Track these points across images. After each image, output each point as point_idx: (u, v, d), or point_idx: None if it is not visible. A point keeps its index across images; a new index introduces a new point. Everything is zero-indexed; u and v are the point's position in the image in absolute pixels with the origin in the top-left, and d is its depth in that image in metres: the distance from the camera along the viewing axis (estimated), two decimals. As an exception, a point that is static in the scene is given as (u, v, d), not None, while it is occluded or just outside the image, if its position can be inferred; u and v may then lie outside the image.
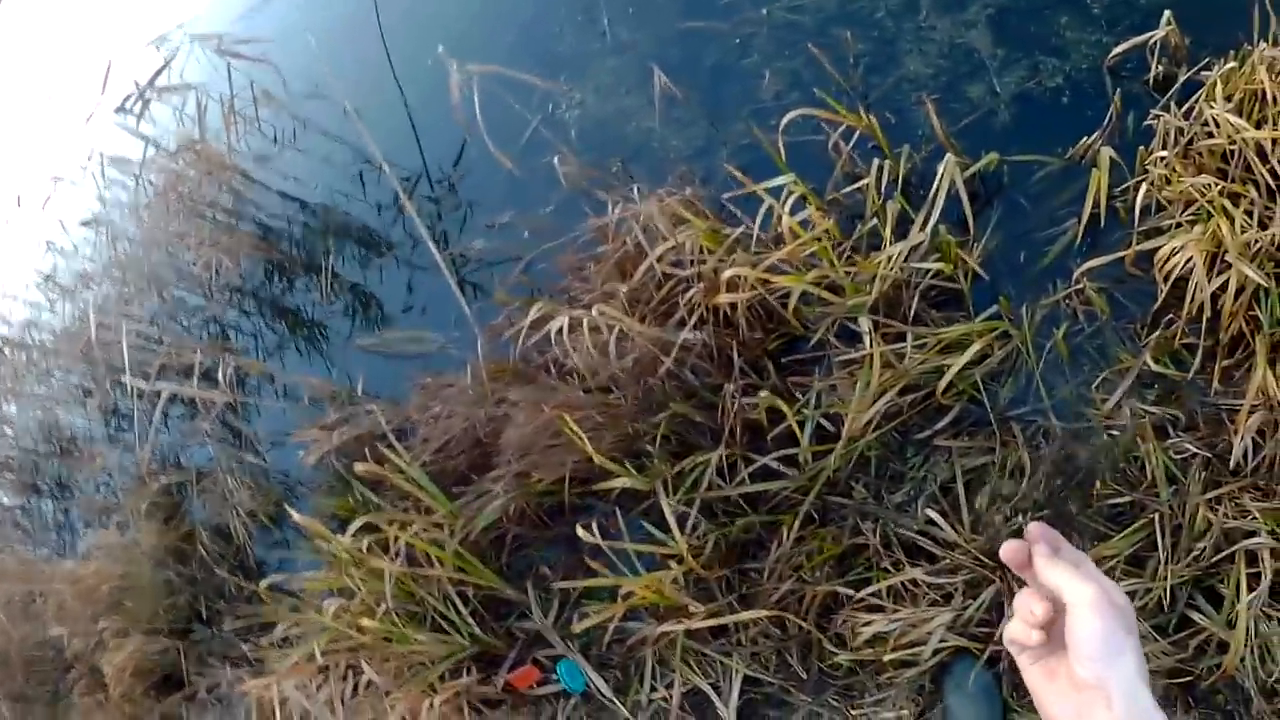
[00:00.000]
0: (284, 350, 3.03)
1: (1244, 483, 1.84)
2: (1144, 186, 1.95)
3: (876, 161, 2.12)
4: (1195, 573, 1.81)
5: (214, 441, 3.01)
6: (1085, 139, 2.10)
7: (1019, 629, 0.74)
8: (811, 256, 2.02)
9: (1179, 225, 1.94)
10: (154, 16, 3.76)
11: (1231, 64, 1.94)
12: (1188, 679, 1.76)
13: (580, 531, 1.88)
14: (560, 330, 2.01)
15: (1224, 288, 1.80)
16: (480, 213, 2.72)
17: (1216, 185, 1.85)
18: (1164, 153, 1.97)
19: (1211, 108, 1.90)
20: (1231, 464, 1.85)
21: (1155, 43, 2.06)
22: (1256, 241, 1.80)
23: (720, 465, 1.96)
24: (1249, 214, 1.83)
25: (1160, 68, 2.09)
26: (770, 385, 1.99)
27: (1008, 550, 0.77)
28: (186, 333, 3.26)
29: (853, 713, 1.86)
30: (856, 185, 2.17)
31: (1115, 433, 1.93)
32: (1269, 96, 1.83)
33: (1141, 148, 2.01)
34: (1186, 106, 1.99)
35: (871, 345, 1.90)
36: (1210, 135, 1.91)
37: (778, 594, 1.87)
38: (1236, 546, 1.77)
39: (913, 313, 2.01)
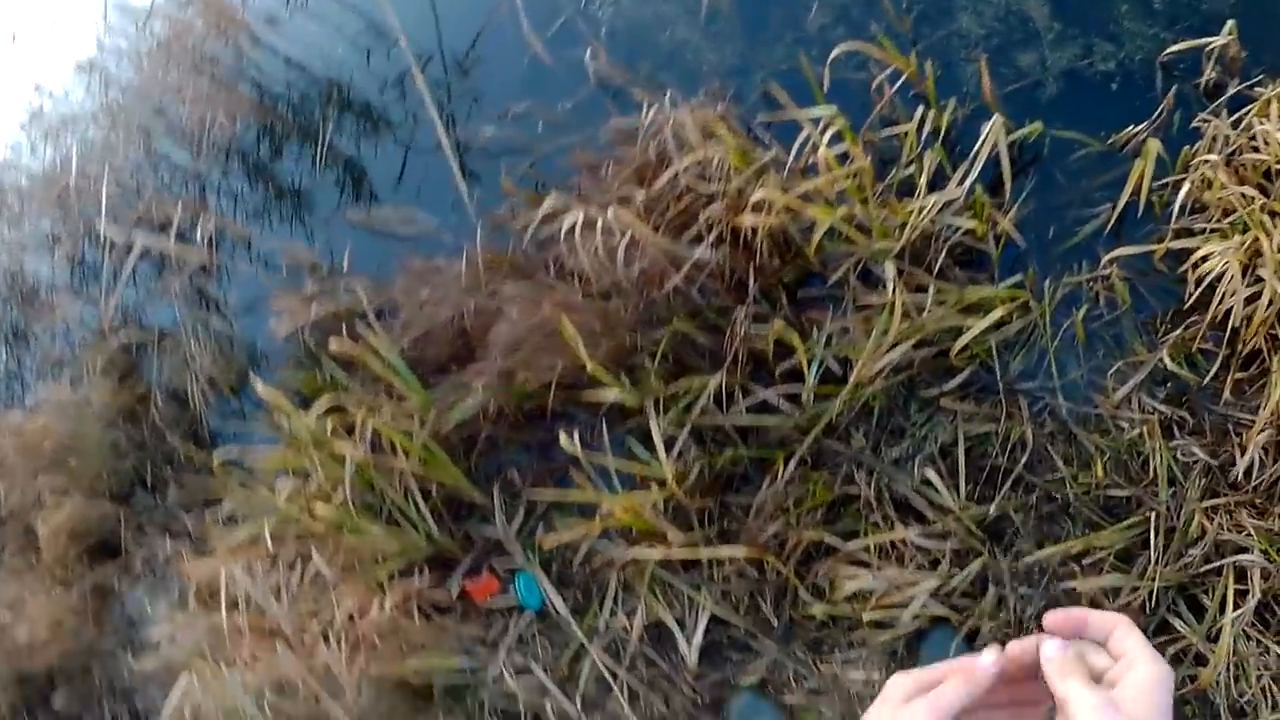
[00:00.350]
0: (267, 216, 2.71)
1: (1242, 498, 1.72)
2: (1186, 185, 1.81)
3: (920, 109, 1.93)
4: (1182, 579, 1.69)
5: (181, 302, 2.70)
6: (1130, 128, 1.94)
7: None
8: (841, 193, 1.83)
9: (1214, 230, 1.81)
10: None
11: (1288, 86, 1.80)
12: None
13: (562, 439, 1.66)
14: (572, 228, 1.77)
15: (1251, 300, 1.68)
16: (494, 101, 2.43)
17: (1259, 199, 1.72)
18: (1210, 156, 1.82)
19: (1262, 123, 1.78)
20: (1232, 477, 1.73)
21: (1214, 49, 1.91)
22: (1289, 262, 1.68)
23: (718, 391, 1.74)
24: (1284, 234, 1.71)
25: (1213, 74, 1.94)
26: (782, 316, 1.77)
27: (1013, 653, 0.62)
28: (167, 189, 2.93)
29: (820, 668, 1.67)
30: (894, 130, 1.97)
31: (1123, 424, 1.78)
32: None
33: (1186, 148, 1.87)
34: (1235, 117, 1.85)
35: (894, 292, 1.70)
36: (1256, 150, 1.79)
37: (763, 535, 1.66)
38: (1227, 560, 1.66)
39: (938, 266, 1.82)
